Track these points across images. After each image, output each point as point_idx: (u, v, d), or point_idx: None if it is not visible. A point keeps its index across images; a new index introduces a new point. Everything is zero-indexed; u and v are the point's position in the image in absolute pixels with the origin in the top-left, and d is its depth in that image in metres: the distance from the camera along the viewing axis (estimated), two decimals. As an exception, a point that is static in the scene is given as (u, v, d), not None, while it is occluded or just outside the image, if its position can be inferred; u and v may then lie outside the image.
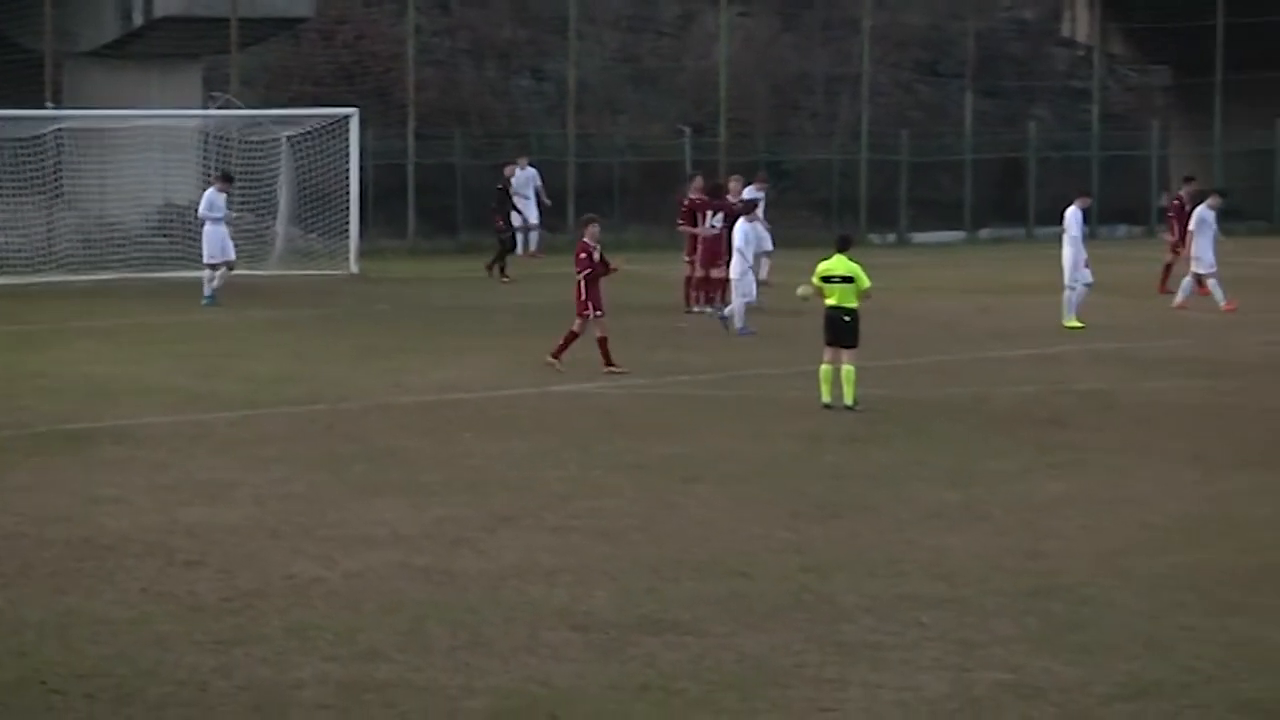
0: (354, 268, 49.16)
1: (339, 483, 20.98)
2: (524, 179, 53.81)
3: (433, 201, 60.75)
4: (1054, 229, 57.14)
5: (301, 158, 50.81)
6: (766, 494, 20.32)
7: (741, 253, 35.95)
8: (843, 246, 26.87)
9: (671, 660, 13.92)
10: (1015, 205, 68.99)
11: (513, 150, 60.25)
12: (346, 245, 49.72)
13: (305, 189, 50.75)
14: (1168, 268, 42.81)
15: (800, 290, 27.42)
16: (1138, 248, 37.62)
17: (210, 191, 42.72)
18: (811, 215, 61.48)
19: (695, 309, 39.35)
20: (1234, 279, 42.92)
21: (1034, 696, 12.99)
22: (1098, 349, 32.15)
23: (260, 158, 51.24)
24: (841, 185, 64.30)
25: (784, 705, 12.83)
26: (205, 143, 51.67)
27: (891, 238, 64.30)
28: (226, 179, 43.88)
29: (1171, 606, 15.46)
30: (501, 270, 47.34)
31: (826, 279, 26.49)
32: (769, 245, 42.53)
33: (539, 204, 55.05)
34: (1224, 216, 69.22)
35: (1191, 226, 38.13)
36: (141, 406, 26.71)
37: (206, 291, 41.57)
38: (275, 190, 51.02)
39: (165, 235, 50.55)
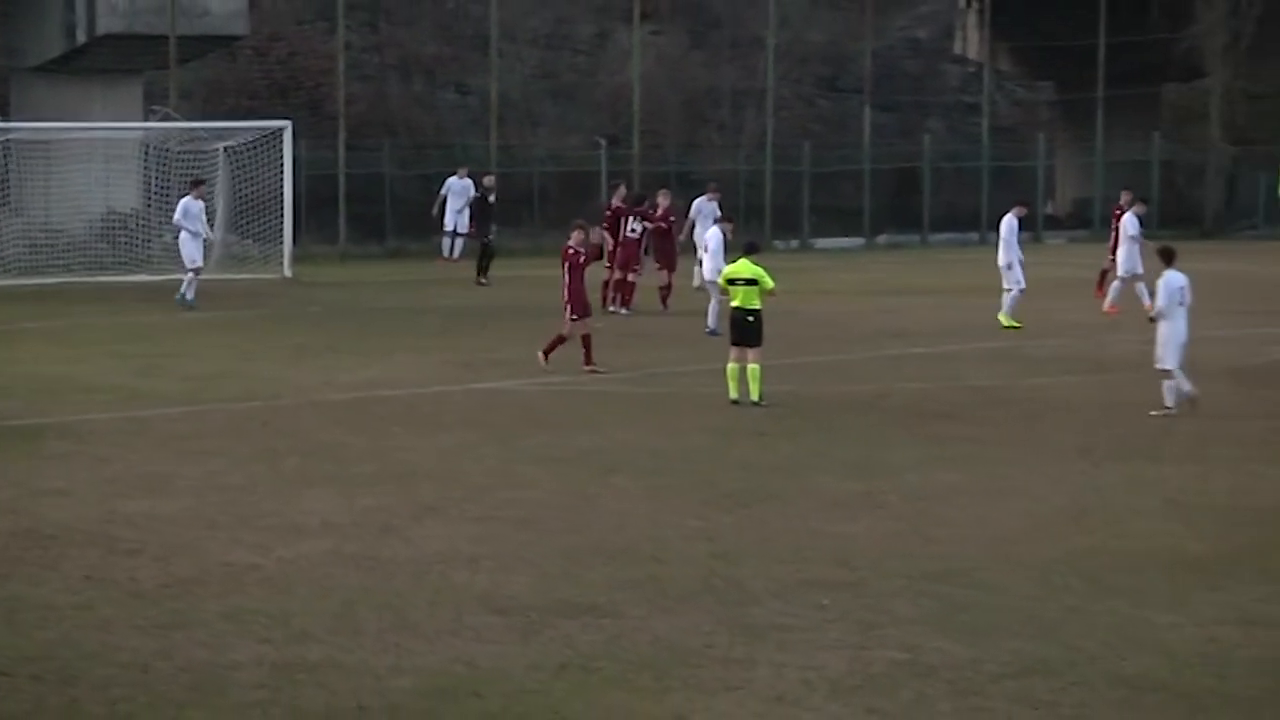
0: (287, 272, 49.02)
1: (273, 475, 20.89)
2: (460, 188, 53.49)
3: (362, 209, 60.62)
4: (947, 235, 57.49)
5: (237, 168, 50.64)
6: (678, 485, 20.32)
7: (716, 257, 35.53)
8: (749, 251, 26.97)
9: (588, 641, 13.90)
10: (911, 212, 69.27)
11: (439, 161, 60.24)
12: (280, 251, 49.59)
13: (241, 197, 50.59)
14: (1103, 274, 42.04)
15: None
16: (1026, 252, 37.76)
17: (186, 199, 41.90)
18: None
19: (610, 309, 39.28)
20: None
21: (928, 674, 13.02)
22: (988, 348, 32.26)
23: (198, 168, 51.01)
24: (747, 194, 64.42)
25: (695, 683, 12.83)
26: (145, 153, 51.54)
27: (795, 243, 64.44)
28: (199, 184, 43.17)
29: (1057, 590, 15.51)
30: (483, 272, 47.09)
31: (732, 281, 26.56)
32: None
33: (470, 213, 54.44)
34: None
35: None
36: (85, 404, 26.55)
37: (189, 295, 40.92)
38: (212, 198, 50.81)
39: (108, 241, 50.36)
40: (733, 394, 26.13)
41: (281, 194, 49.59)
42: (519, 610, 14.80)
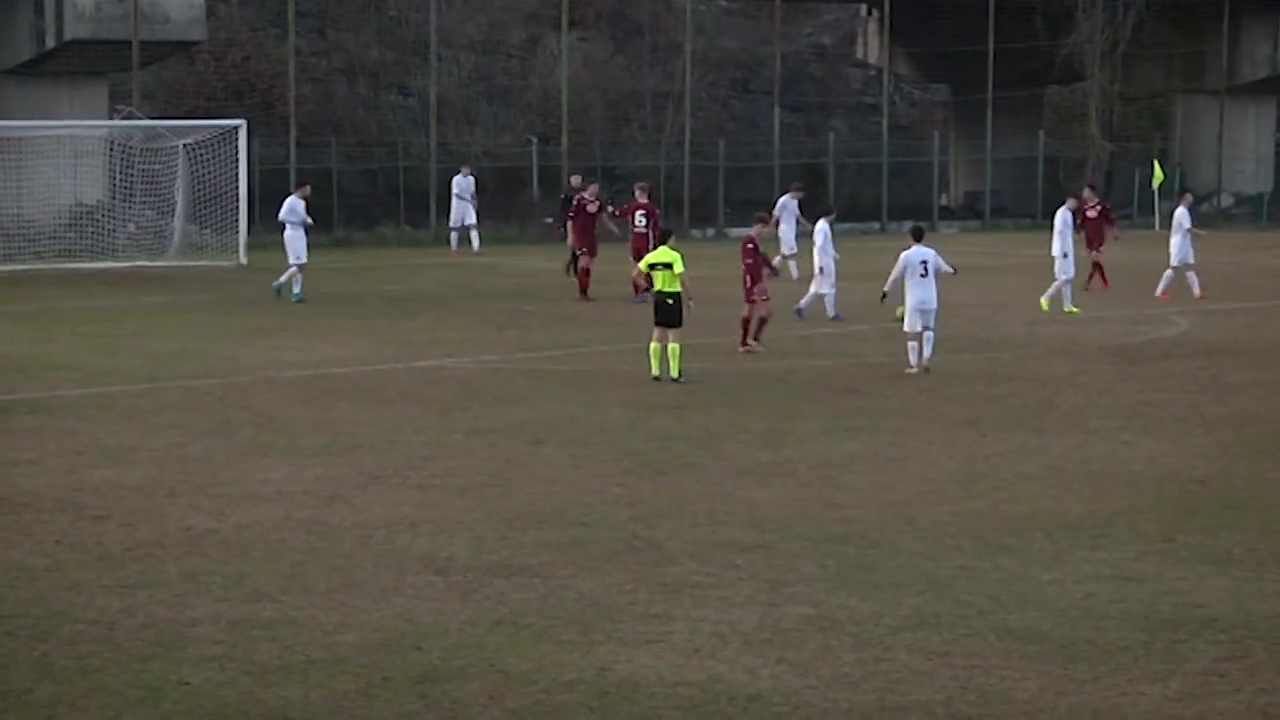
0: (242, 259, 48.81)
1: (229, 447, 20.79)
2: (465, 185, 52.91)
3: (312, 201, 60.25)
4: (850, 225, 57.49)
5: (196, 163, 50.43)
6: (602, 454, 20.31)
7: (823, 250, 35.00)
8: (664, 239, 27.09)
9: (520, 599, 13.89)
10: (817, 204, 69.33)
11: (382, 157, 59.99)
12: (236, 239, 49.37)
13: (199, 190, 50.40)
14: (1097, 266, 41.73)
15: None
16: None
17: (291, 198, 40.58)
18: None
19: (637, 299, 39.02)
20: (999, 268, 43.41)
21: (833, 628, 13.05)
22: (886, 328, 32.33)
23: (159, 163, 50.81)
24: (667, 187, 64.39)
25: (617, 636, 12.83)
26: (110, 150, 51.28)
27: (711, 233, 64.47)
28: (305, 184, 42.06)
29: (950, 549, 15.57)
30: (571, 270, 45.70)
31: (653, 266, 26.58)
32: (795, 249, 42.38)
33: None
34: (994, 214, 70.22)
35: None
36: (53, 381, 26.37)
37: (296, 289, 39.16)
38: (173, 191, 50.58)
39: (75, 231, 50.05)
40: (654, 371, 26.14)
41: (237, 187, 49.37)
42: (457, 570, 14.78)
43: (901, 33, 74.31)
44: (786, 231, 43.02)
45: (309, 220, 40.30)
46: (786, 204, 43.53)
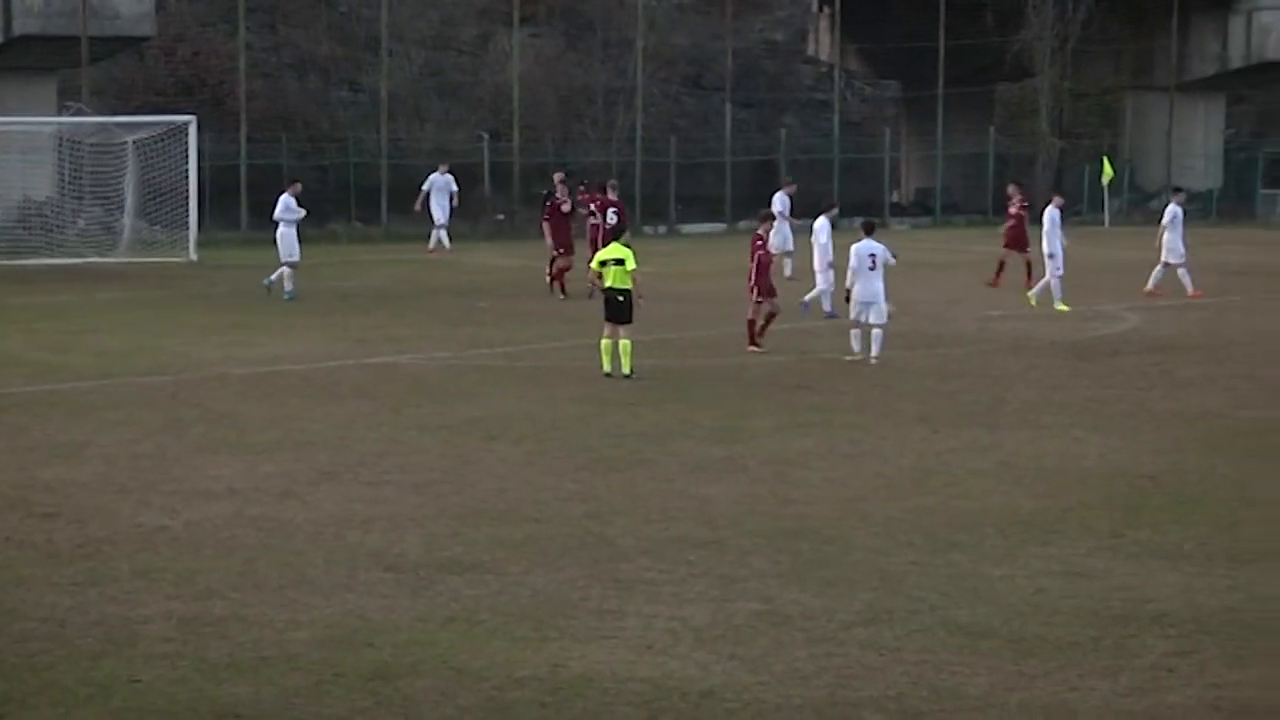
0: (193, 256, 48.68)
1: (180, 444, 20.73)
2: (442, 183, 52.54)
3: (263, 197, 59.90)
4: (802, 221, 57.43)
5: (145, 159, 50.25)
6: (555, 450, 20.31)
7: (824, 248, 34.75)
8: (616, 235, 27.15)
9: (473, 595, 13.88)
10: (768, 200, 69.29)
11: (333, 153, 59.86)
12: (186, 236, 49.23)
13: (149, 186, 50.23)
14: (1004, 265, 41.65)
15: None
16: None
17: (284, 196, 39.60)
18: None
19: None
20: (950, 264, 43.52)
21: (785, 623, 13.07)
22: (838, 324, 32.36)
23: (109, 159, 50.62)
24: (619, 183, 64.36)
25: (571, 633, 12.84)
26: (59, 146, 51.09)
27: (663, 229, 64.52)
28: (295, 181, 41.15)
29: (902, 545, 15.61)
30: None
31: (604, 263, 26.59)
32: (790, 245, 42.27)
33: (450, 204, 53.12)
34: (945, 210, 70.41)
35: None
36: (3, 378, 26.23)
37: (288, 287, 38.70)
38: (123, 188, 50.40)
39: (25, 228, 49.85)
40: (605, 367, 26.14)
41: (187, 183, 49.22)
42: (409, 567, 14.77)
43: (853, 29, 74.46)
44: (781, 227, 42.90)
45: (303, 213, 39.88)
46: (782, 201, 43.26)
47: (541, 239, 41.05)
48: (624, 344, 26.05)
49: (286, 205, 39.17)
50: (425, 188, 52.43)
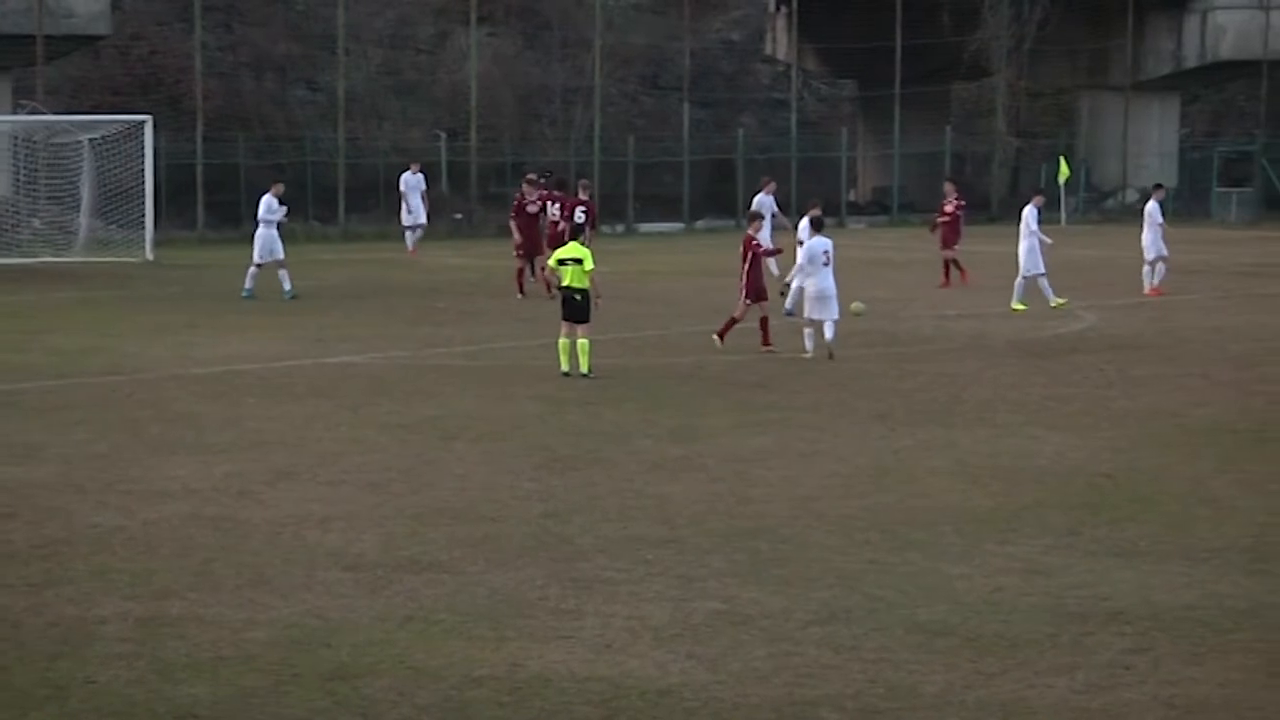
0: (149, 255, 48.59)
1: (137, 443, 20.66)
2: (414, 183, 52.23)
3: (219, 197, 60.16)
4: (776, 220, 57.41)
5: (101, 158, 50.13)
6: (513, 450, 20.30)
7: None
8: (573, 235, 27.20)
9: (431, 595, 13.86)
10: (726, 199, 69.54)
11: (290, 152, 59.70)
12: (142, 235, 49.12)
13: (105, 186, 50.09)
14: (953, 264, 41.67)
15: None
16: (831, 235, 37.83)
17: (267, 196, 39.60)
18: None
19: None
20: (906, 263, 43.61)
21: (743, 623, 13.08)
22: (794, 323, 32.40)
23: (64, 158, 50.49)
24: (577, 183, 64.39)
25: (529, 633, 12.83)
26: (14, 145, 50.90)
27: (621, 228, 64.55)
28: (278, 182, 41.02)
29: (859, 544, 15.63)
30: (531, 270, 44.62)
31: (561, 262, 26.59)
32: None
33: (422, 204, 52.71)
34: (901, 209, 70.62)
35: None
36: (-41, 378, 26.14)
37: (248, 285, 38.72)
38: (79, 187, 50.25)
39: (-21, 226, 49.73)
40: (563, 366, 26.14)
41: (143, 182, 49.10)
42: (367, 567, 14.74)
43: (810, 29, 74.63)
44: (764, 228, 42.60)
45: (284, 210, 39.58)
46: (764, 201, 42.97)
47: (510, 238, 40.98)
48: (582, 343, 26.06)
49: (269, 207, 39.01)
50: (402, 189, 52.18)
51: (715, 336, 29.24)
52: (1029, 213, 37.13)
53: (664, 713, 11.18)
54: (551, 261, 27.31)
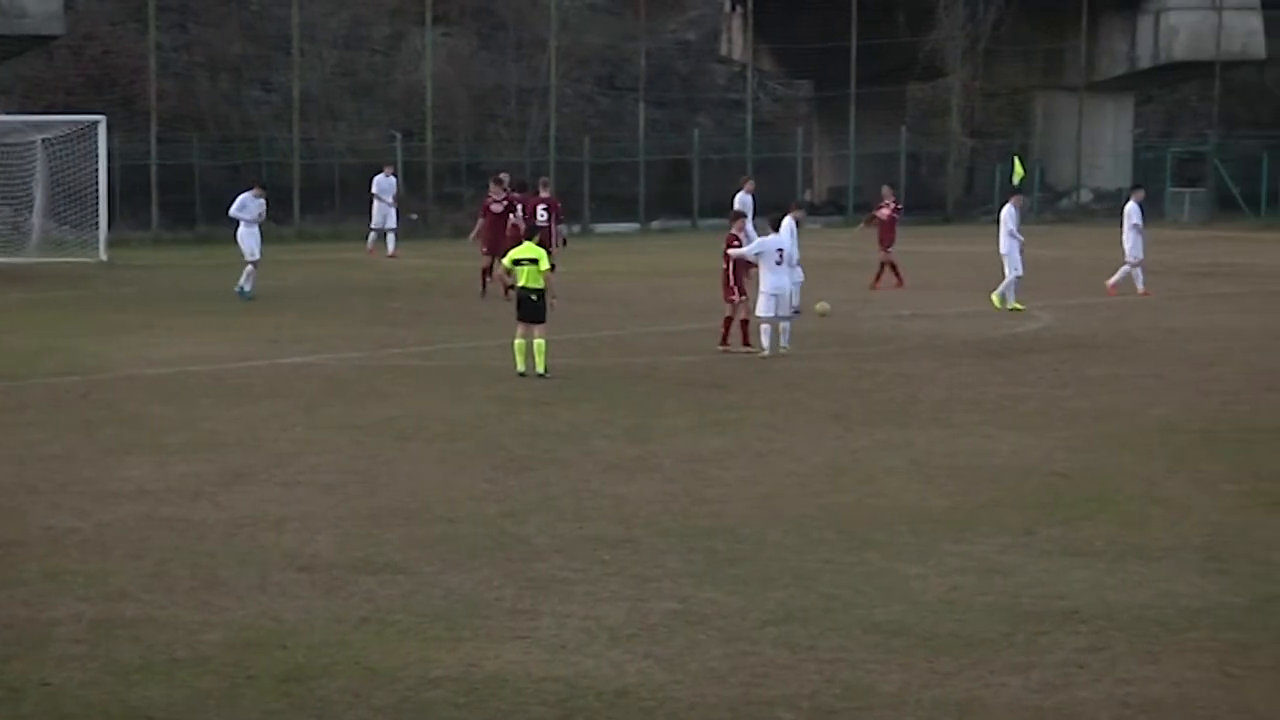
0: (103, 255, 48.41)
1: (91, 445, 20.58)
2: (387, 186, 51.81)
3: (173, 197, 60.00)
4: (715, 220, 57.51)
5: (55, 159, 49.95)
6: (468, 450, 20.27)
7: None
8: (529, 235, 27.23)
9: (387, 596, 13.83)
10: (682, 200, 69.64)
11: (245, 152, 59.53)
12: (96, 236, 48.95)
13: (59, 186, 49.90)
14: (889, 266, 41.65)
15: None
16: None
17: (244, 195, 39.37)
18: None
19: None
20: (863, 264, 43.61)
21: (700, 622, 13.08)
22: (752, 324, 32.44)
23: (17, 158, 50.28)
24: (533, 183, 64.38)
25: (485, 633, 12.81)
26: (-34, 145, 50.68)
27: (577, 228, 64.47)
28: (261, 185, 40.50)
29: (816, 543, 15.64)
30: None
31: (517, 262, 26.57)
32: None
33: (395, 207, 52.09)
34: (858, 209, 70.73)
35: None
36: (-89, 379, 26.01)
37: (246, 287, 38.37)
38: (32, 187, 50.05)
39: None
40: (519, 366, 26.11)
41: (97, 183, 48.94)
42: (322, 568, 14.70)
43: (765, 29, 74.71)
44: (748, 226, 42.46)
45: (263, 215, 39.43)
46: (744, 200, 42.87)
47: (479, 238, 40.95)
48: (538, 343, 26.04)
49: (242, 204, 38.87)
50: (375, 190, 51.72)
51: (721, 348, 29.09)
52: (1007, 213, 37.20)
53: (620, 713, 11.17)
54: (506, 261, 27.27)
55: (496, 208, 39.39)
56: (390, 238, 51.45)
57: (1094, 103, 75.62)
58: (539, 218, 38.57)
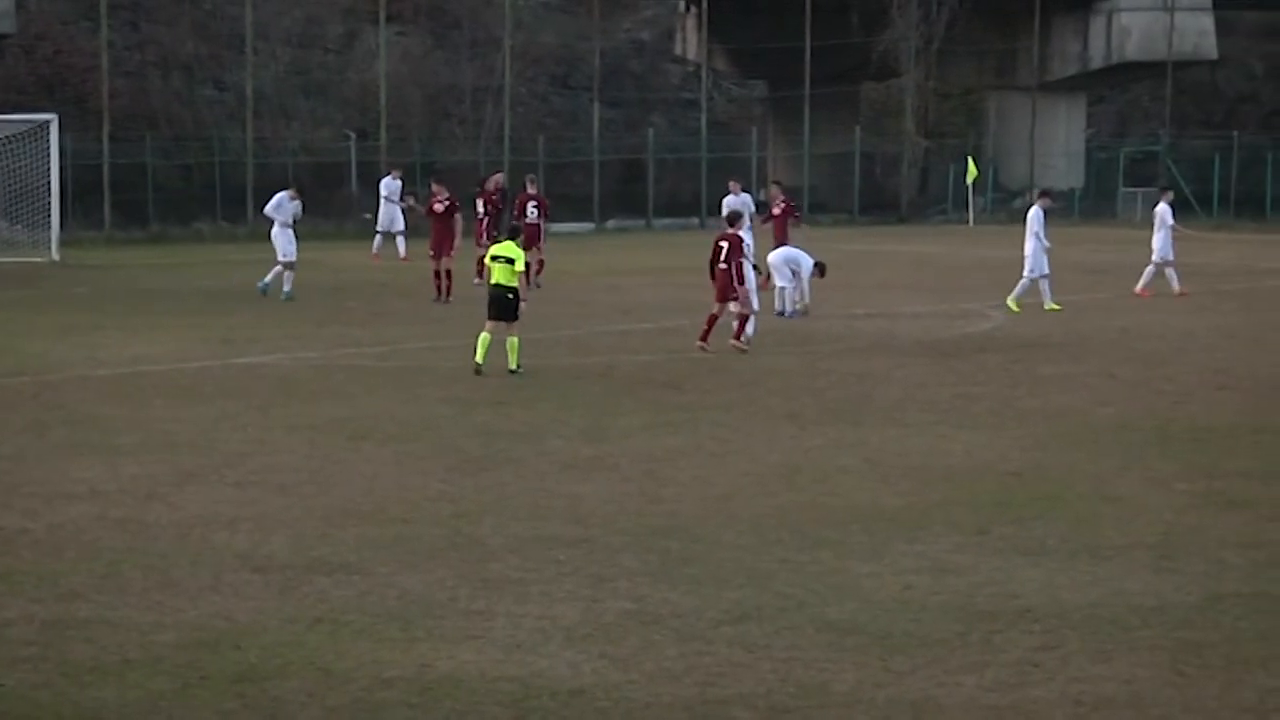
0: (55, 255, 48.21)
1: (42, 445, 20.48)
2: (394, 188, 51.15)
3: (126, 197, 59.78)
4: (669, 220, 57.47)
5: (6, 158, 49.73)
6: (424, 450, 20.24)
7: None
8: (512, 235, 27.29)
9: (341, 596, 13.80)
10: (637, 200, 69.69)
11: (198, 152, 59.33)
12: (48, 235, 48.75)
13: (10, 186, 49.68)
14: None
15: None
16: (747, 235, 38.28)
17: (282, 195, 39.27)
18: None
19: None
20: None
21: (655, 622, 13.08)
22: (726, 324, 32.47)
23: (-34, 158, 50.04)
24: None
25: (439, 634, 12.79)
26: (-84, 146, 50.43)
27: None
28: (298, 188, 40.40)
29: (770, 543, 15.65)
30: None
31: (494, 258, 26.72)
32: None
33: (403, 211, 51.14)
34: (812, 209, 70.80)
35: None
36: None
37: (286, 288, 38.14)
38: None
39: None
40: (479, 358, 26.07)
41: (49, 182, 48.73)
42: (275, 568, 14.66)
43: (719, 29, 74.75)
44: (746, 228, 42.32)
45: (298, 217, 39.22)
46: (743, 200, 42.48)
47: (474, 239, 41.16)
48: (511, 341, 26.18)
49: (278, 204, 38.71)
50: (383, 193, 50.98)
51: (734, 344, 29.05)
52: (1034, 213, 37.12)
53: (575, 713, 11.16)
54: (487, 258, 27.48)
55: (439, 207, 39.07)
56: (400, 240, 50.56)
57: (1047, 103, 75.89)
58: (528, 215, 39.32)
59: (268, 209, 39.30)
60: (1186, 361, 28.51)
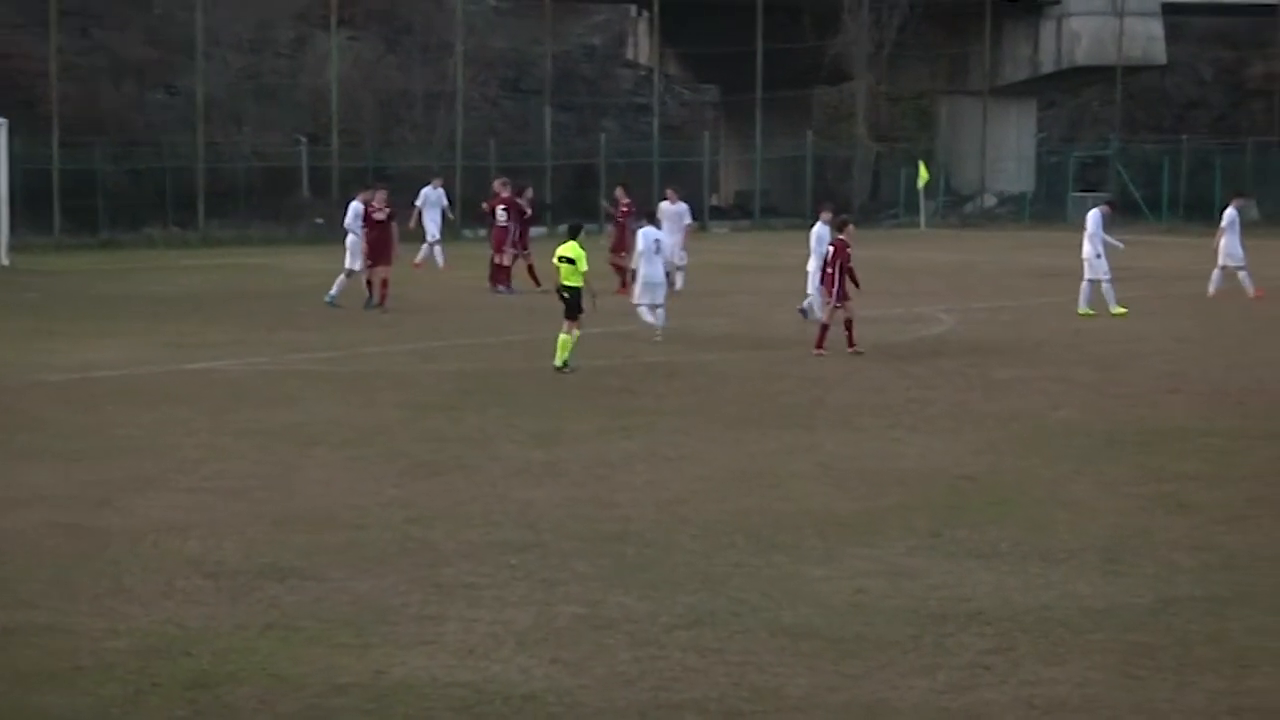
0: (4, 261, 48.00)
1: (-7, 452, 20.39)
2: (435, 198, 50.49)
3: (76, 202, 59.54)
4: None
5: (-46, 163, 49.43)
6: (376, 456, 20.20)
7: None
8: (573, 234, 27.53)
9: (293, 602, 13.76)
10: (589, 204, 69.54)
11: (148, 157, 59.12)
12: (-3, 241, 48.50)
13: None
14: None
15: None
16: (694, 239, 38.49)
17: (354, 203, 38.97)
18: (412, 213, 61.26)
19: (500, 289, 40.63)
20: (770, 267, 43.76)
21: (608, 627, 13.08)
22: (669, 327, 32.48)
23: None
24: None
25: (392, 639, 12.77)
26: None
27: (483, 232, 64.21)
28: (369, 189, 39.79)
29: (724, 547, 15.66)
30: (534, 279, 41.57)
31: (559, 259, 27.64)
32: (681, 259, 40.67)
33: (443, 219, 50.34)
34: (764, 213, 70.87)
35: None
36: None
37: (333, 291, 37.80)
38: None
39: None
40: (557, 361, 27.06)
41: (-2, 188, 48.53)
42: (227, 574, 14.61)
43: (671, 33, 74.80)
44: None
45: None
46: (667, 210, 42.00)
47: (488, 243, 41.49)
48: (563, 338, 27.16)
49: (357, 214, 38.46)
50: (418, 203, 50.21)
51: (818, 352, 29.13)
52: (1093, 217, 37.08)
53: (528, 718, 11.16)
54: (555, 259, 27.90)
55: (379, 216, 38.63)
56: (438, 250, 49.67)
57: (998, 107, 76.13)
58: (497, 218, 40.17)
59: (348, 221, 38.97)
60: (1138, 366, 28.63)
